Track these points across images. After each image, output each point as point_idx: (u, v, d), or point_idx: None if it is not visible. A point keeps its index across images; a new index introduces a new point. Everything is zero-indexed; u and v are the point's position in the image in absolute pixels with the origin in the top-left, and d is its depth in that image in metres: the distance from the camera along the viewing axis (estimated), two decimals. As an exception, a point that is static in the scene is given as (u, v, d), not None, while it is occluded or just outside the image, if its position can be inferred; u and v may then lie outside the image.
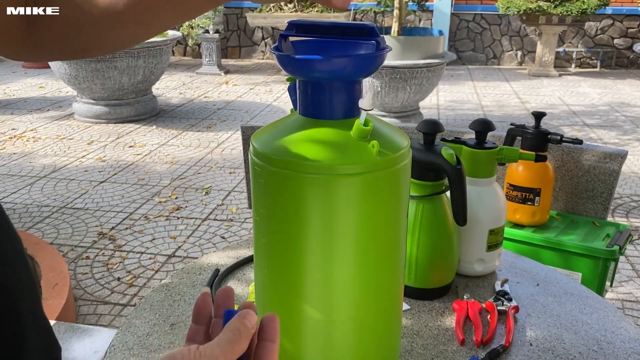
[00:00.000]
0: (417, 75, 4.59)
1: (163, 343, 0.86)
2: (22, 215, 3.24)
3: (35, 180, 3.78)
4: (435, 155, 0.92)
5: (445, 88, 6.70)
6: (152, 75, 5.32)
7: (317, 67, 0.55)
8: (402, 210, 0.62)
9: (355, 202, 0.57)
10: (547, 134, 1.55)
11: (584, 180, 1.61)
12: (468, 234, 1.03)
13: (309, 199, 0.56)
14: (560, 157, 1.63)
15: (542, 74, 7.45)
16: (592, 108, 5.79)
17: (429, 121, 0.96)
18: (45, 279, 2.05)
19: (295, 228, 0.57)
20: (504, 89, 6.70)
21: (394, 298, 0.66)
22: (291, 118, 0.62)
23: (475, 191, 1.02)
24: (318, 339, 0.63)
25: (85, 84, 5.02)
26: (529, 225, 1.62)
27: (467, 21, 8.30)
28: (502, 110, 5.63)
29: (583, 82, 7.10)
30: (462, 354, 0.84)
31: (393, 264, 0.63)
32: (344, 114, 0.59)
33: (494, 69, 8.04)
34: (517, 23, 8.10)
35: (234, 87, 6.76)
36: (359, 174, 0.56)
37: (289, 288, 0.61)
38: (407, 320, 0.92)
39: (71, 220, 3.18)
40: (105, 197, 3.50)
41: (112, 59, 4.90)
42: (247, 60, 8.70)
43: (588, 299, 0.99)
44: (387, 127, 0.62)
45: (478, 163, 1.03)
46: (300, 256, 0.59)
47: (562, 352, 0.84)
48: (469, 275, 1.06)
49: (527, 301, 0.98)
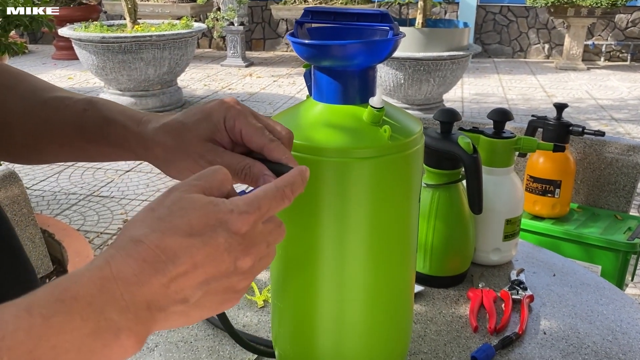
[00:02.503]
0: (441, 67, 4.56)
1: (182, 323, 0.88)
2: (51, 202, 3.33)
3: (63, 169, 3.86)
4: (451, 144, 0.93)
5: (470, 81, 6.64)
6: (178, 67, 5.38)
7: (330, 53, 0.57)
8: (413, 194, 0.63)
9: (367, 186, 0.58)
10: (569, 125, 1.53)
11: (606, 173, 1.59)
12: (484, 223, 1.03)
13: (323, 182, 0.58)
14: (582, 149, 1.62)
15: (569, 67, 7.32)
16: (620, 102, 5.68)
17: (446, 110, 0.96)
18: (72, 263, 2.11)
19: (309, 210, 0.59)
20: (530, 82, 6.61)
21: (405, 281, 0.67)
22: (306, 103, 0.64)
23: (492, 180, 1.03)
24: (330, 319, 0.64)
25: (112, 75, 5.10)
26: (548, 217, 1.61)
27: (494, 13, 8.19)
28: (527, 104, 5.56)
29: (612, 76, 6.96)
30: (475, 340, 0.85)
31: (404, 247, 0.65)
32: (358, 100, 0.60)
33: (521, 62, 7.94)
34: (544, 15, 7.97)
35: (257, 79, 6.80)
36: (371, 158, 0.57)
37: (303, 268, 0.63)
38: (421, 307, 0.93)
39: (97, 207, 3.26)
40: (131, 186, 3.57)
41: (139, 50, 4.97)
42: (271, 53, 8.73)
43: (605, 290, 0.99)
44: (400, 113, 0.63)
45: (495, 152, 1.04)
46: (313, 237, 0.60)
47: (575, 341, 0.85)
48: (485, 265, 1.07)
49: (542, 291, 0.99)
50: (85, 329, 0.33)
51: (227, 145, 0.52)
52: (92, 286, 0.34)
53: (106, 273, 0.35)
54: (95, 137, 0.56)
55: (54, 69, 7.31)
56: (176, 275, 0.37)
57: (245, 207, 0.40)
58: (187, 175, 0.51)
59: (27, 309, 0.32)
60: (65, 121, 0.57)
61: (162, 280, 0.36)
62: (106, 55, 4.97)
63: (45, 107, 0.58)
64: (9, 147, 0.60)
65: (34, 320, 0.32)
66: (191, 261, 0.37)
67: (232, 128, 0.51)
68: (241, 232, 0.39)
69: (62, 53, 7.87)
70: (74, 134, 0.57)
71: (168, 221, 0.38)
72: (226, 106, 0.52)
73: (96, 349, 0.34)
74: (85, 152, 0.58)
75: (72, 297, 0.33)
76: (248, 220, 0.39)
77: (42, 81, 0.61)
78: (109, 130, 0.55)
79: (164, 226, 0.37)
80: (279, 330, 0.69)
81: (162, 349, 0.82)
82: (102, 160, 0.60)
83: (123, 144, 0.55)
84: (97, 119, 0.56)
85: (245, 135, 0.51)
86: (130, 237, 0.37)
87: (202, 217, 0.38)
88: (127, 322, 0.35)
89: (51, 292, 0.34)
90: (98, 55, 4.98)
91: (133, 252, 0.36)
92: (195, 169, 0.51)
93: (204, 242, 0.38)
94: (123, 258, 0.36)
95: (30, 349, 0.31)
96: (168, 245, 0.37)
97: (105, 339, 0.34)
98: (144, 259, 0.36)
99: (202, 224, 0.38)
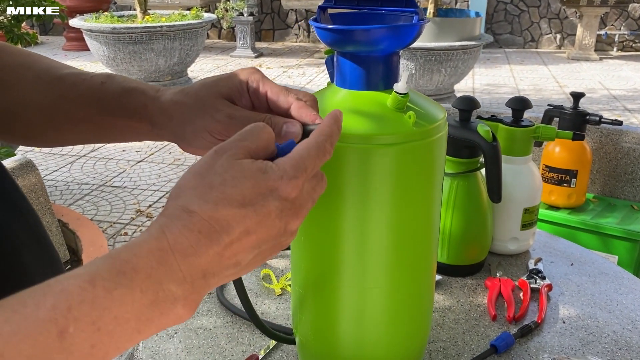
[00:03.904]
0: (453, 57, 4.53)
1: (202, 310, 0.89)
2: (64, 192, 3.35)
3: (75, 159, 3.89)
4: (471, 132, 0.92)
5: (482, 71, 6.59)
6: (188, 58, 5.38)
7: (354, 38, 0.56)
8: (436, 182, 0.63)
9: (391, 172, 0.58)
10: (586, 114, 1.52)
11: (622, 163, 1.58)
12: (502, 212, 1.03)
13: (346, 169, 0.58)
14: (598, 139, 1.60)
15: (582, 57, 7.25)
16: (634, 92, 5.62)
17: (465, 97, 0.96)
18: (86, 252, 2.13)
19: (332, 196, 0.59)
20: (542, 73, 6.55)
21: (427, 269, 0.67)
22: (329, 90, 0.64)
23: (510, 169, 1.02)
24: (351, 306, 0.64)
25: (123, 66, 5.12)
26: (564, 207, 1.60)
27: (505, 3, 8.12)
28: (539, 94, 5.52)
29: (625, 66, 6.89)
30: (493, 329, 0.85)
31: (427, 235, 0.64)
32: (381, 86, 0.60)
33: (532, 52, 7.87)
34: (556, 5, 7.89)
35: (267, 70, 6.79)
36: (395, 144, 0.57)
37: (325, 254, 0.63)
38: (439, 295, 0.93)
39: (110, 197, 3.27)
40: (143, 176, 3.59)
41: (149, 41, 4.98)
42: (280, 44, 8.71)
43: (624, 280, 0.99)
44: (424, 99, 0.63)
45: (514, 141, 1.03)
46: (336, 224, 0.60)
47: (595, 330, 0.84)
48: (503, 254, 1.06)
49: (560, 280, 0.98)
50: (145, 300, 0.35)
51: (246, 106, 0.53)
52: (151, 258, 0.36)
53: (164, 245, 0.36)
54: (113, 108, 0.56)
55: (64, 59, 7.33)
56: (229, 242, 0.38)
57: (293, 172, 0.40)
58: (204, 135, 0.51)
59: (90, 281, 0.33)
60: (83, 94, 0.57)
61: (217, 249, 0.37)
62: (117, 46, 4.98)
63: (61, 82, 0.58)
64: (26, 129, 0.60)
65: (97, 292, 0.33)
66: (244, 229, 0.38)
67: (255, 90, 0.52)
68: (291, 197, 0.40)
69: (72, 44, 7.89)
70: (91, 107, 0.57)
71: (220, 191, 0.38)
72: (249, 70, 0.53)
73: (154, 318, 0.36)
74: (101, 128, 0.59)
75: (132, 269, 0.35)
76: (298, 185, 0.40)
77: (55, 61, 0.62)
78: (128, 99, 0.55)
79: (216, 196, 0.38)
80: (300, 317, 0.69)
81: (181, 335, 0.83)
82: (117, 138, 0.60)
83: (140, 111, 0.55)
84: (116, 90, 0.56)
85: (271, 95, 0.51)
86: (183, 206, 0.38)
87: (254, 187, 0.39)
88: (183, 292, 0.37)
89: (112, 264, 0.35)
90: (109, 46, 5.00)
91: (188, 222, 0.37)
92: (211, 125, 0.51)
93: (256, 211, 0.38)
94: (179, 229, 0.37)
95: (93, 320, 0.32)
96: (222, 216, 0.38)
97: (163, 308, 0.36)
98: (199, 230, 0.37)
99: (254, 193, 0.39)
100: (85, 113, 0.57)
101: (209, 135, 0.51)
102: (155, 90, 0.55)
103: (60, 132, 0.60)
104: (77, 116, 0.58)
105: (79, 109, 0.57)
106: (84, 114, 0.58)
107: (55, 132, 0.60)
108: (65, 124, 0.59)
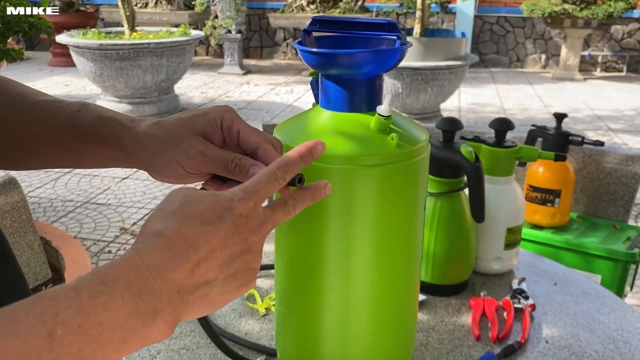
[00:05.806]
0: (439, 76, 4.58)
1: (184, 330, 0.88)
2: (47, 209, 3.31)
3: (59, 176, 3.85)
4: (454, 153, 0.93)
5: (467, 91, 6.67)
6: (175, 74, 5.39)
7: (338, 61, 0.57)
8: (419, 202, 0.63)
9: (374, 193, 0.59)
10: (568, 135, 1.54)
11: (605, 183, 1.60)
12: (486, 232, 1.04)
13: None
14: (581, 159, 1.62)
15: (566, 77, 7.37)
16: (617, 113, 5.71)
17: (448, 119, 0.97)
18: (69, 270, 2.10)
19: (315, 217, 0.59)
20: (527, 93, 6.64)
21: (410, 289, 0.67)
22: (313, 111, 0.64)
23: (493, 189, 1.03)
24: (335, 326, 0.64)
25: (110, 82, 5.10)
26: (548, 226, 1.62)
27: (491, 24, 8.25)
28: (524, 114, 5.58)
29: (608, 87, 7.01)
30: (477, 349, 0.85)
31: (410, 255, 0.65)
32: (365, 108, 0.61)
33: (517, 72, 7.98)
34: (541, 26, 8.03)
35: (255, 87, 6.82)
36: (378, 165, 0.57)
37: (309, 275, 0.63)
38: (423, 315, 0.93)
39: (94, 215, 3.24)
40: (127, 194, 3.56)
41: (136, 57, 4.98)
42: (268, 61, 8.75)
43: (606, 299, 0.99)
44: (406, 121, 0.63)
45: (497, 161, 1.04)
46: (319, 244, 0.60)
47: (577, 350, 0.85)
48: (487, 274, 1.07)
49: (544, 300, 0.99)
50: (127, 308, 0.38)
51: (218, 144, 0.56)
52: (129, 271, 0.39)
53: (138, 262, 0.40)
54: (87, 136, 0.57)
55: (50, 75, 7.30)
56: (198, 260, 0.41)
57: (242, 194, 0.45)
58: (174, 167, 0.54)
59: (75, 290, 0.37)
60: (58, 121, 0.58)
61: (187, 266, 0.41)
62: (104, 62, 4.97)
63: (36, 108, 0.59)
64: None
65: (82, 299, 0.36)
66: (209, 246, 0.42)
67: (229, 128, 0.55)
68: (244, 215, 0.44)
69: (58, 60, 7.87)
70: (65, 133, 0.58)
71: (181, 213, 0.43)
72: (224, 108, 0.56)
73: (137, 328, 0.38)
74: (74, 153, 0.59)
75: (113, 280, 0.38)
76: (248, 205, 0.44)
77: (29, 87, 0.63)
78: (102, 127, 0.57)
79: (178, 218, 0.42)
80: (284, 337, 0.69)
81: (163, 356, 0.82)
82: (90, 164, 0.61)
83: (114, 139, 0.56)
84: (91, 118, 0.58)
85: (243, 134, 0.55)
86: (151, 232, 0.42)
87: (210, 207, 0.43)
88: (161, 304, 0.39)
89: (94, 276, 0.38)
90: (95, 62, 4.99)
91: (157, 243, 0.41)
92: (183, 160, 0.54)
93: (216, 228, 0.42)
94: (150, 249, 0.41)
95: (80, 324, 0.35)
96: (186, 234, 0.42)
97: (144, 319, 0.39)
98: (168, 248, 0.41)
99: (212, 214, 0.43)
100: (60, 139, 0.58)
101: (179, 167, 0.54)
102: (131, 121, 0.57)
103: (31, 155, 0.61)
104: (50, 142, 0.59)
105: (54, 135, 0.58)
106: (58, 140, 0.58)
107: (27, 155, 0.61)
108: (39, 148, 0.60)
